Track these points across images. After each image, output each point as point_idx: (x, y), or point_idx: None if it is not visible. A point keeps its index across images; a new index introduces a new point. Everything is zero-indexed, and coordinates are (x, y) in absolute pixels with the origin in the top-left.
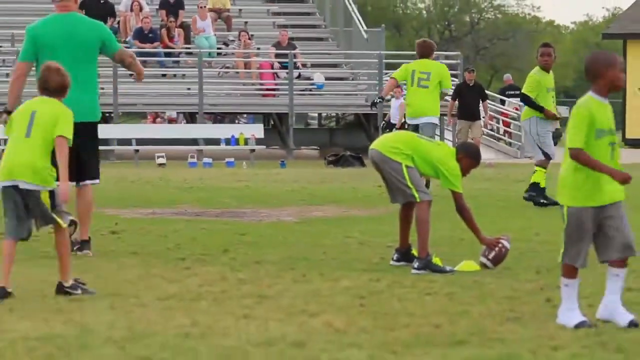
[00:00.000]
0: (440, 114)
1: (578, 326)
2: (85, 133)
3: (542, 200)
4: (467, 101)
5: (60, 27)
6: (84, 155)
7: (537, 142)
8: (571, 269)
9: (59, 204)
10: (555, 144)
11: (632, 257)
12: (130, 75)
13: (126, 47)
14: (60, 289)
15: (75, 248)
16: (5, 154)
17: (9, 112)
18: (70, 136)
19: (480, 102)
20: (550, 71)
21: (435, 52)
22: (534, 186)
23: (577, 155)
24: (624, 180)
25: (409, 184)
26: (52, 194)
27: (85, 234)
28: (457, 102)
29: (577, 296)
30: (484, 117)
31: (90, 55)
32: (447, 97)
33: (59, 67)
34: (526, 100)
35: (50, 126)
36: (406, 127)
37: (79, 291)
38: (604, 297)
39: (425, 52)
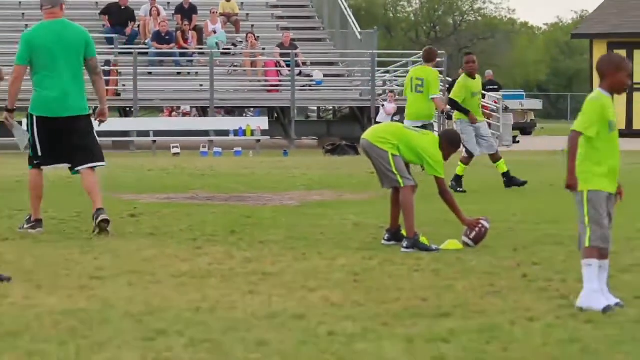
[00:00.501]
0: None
1: (605, 310)
2: (85, 125)
3: (459, 189)
4: None
5: (52, 32)
6: (87, 142)
7: (463, 141)
8: (593, 250)
9: None
10: (530, 133)
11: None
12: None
13: (145, 48)
14: None
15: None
16: None
17: (10, 110)
18: None
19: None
20: (477, 76)
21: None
22: (457, 177)
23: (573, 139)
24: (570, 186)
25: (394, 170)
26: None
27: (99, 203)
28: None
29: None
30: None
31: (79, 56)
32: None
33: None
34: (453, 104)
35: None
36: None
37: None
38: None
39: (427, 58)
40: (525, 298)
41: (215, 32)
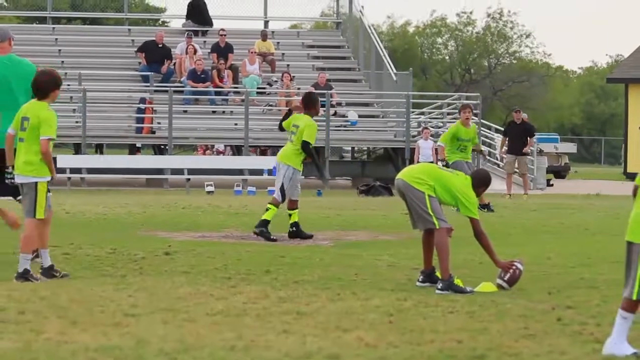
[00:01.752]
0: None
1: (636, 355)
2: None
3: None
4: (514, 138)
5: (6, 65)
6: None
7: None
8: (634, 304)
9: None
10: (563, 177)
11: None
12: None
13: (181, 86)
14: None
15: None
16: None
17: None
18: None
19: (528, 138)
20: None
21: (458, 94)
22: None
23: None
24: None
25: (430, 211)
26: None
27: None
28: (507, 138)
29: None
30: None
31: (29, 87)
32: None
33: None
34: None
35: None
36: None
37: None
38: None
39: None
40: (559, 342)
41: (253, 72)
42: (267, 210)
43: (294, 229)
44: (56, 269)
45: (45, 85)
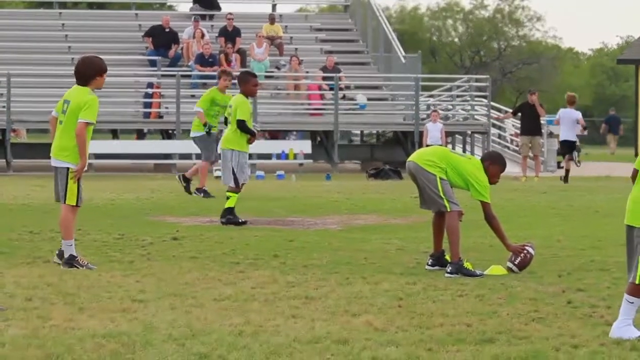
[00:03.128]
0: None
1: None
2: None
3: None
4: (528, 119)
5: None
6: None
7: None
8: (639, 288)
9: None
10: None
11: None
12: None
13: (188, 71)
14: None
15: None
16: None
17: None
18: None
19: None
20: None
21: (468, 76)
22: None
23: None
24: None
25: (441, 194)
26: None
27: None
28: (519, 118)
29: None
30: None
31: None
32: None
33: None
34: None
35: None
36: None
37: None
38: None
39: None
40: (570, 324)
41: (261, 57)
42: (227, 199)
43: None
44: (78, 261)
45: (85, 71)
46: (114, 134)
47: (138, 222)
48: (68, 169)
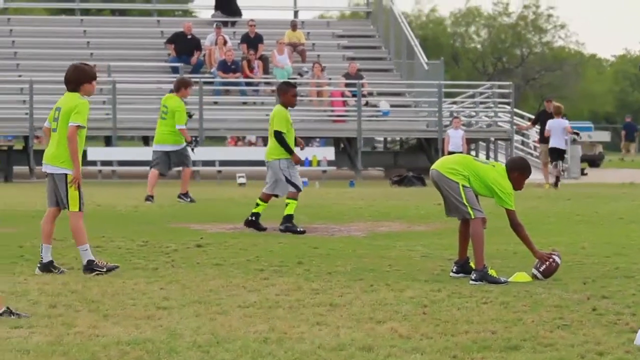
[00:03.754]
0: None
1: None
2: None
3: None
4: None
5: None
6: None
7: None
8: None
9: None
10: (598, 165)
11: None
12: None
13: (211, 78)
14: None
15: None
16: None
17: None
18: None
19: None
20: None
21: (490, 83)
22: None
23: None
24: None
25: (465, 202)
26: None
27: None
28: (538, 126)
29: None
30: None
31: None
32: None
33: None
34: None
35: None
36: None
37: (12, 317)
38: None
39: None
40: (595, 332)
41: (282, 65)
42: (286, 205)
43: (254, 218)
44: (55, 265)
45: (74, 78)
46: (145, 141)
47: (162, 229)
48: (66, 175)
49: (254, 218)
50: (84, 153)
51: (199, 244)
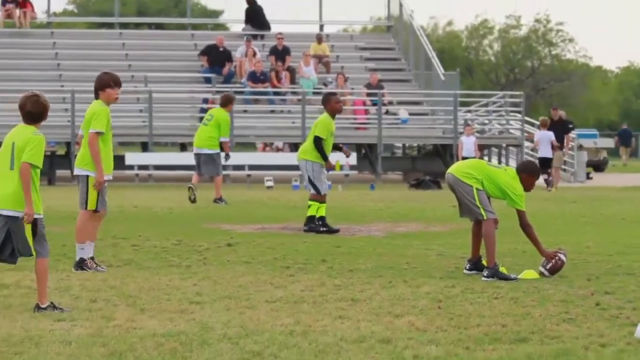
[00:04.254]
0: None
1: None
2: None
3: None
4: (553, 133)
5: None
6: None
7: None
8: None
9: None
10: (602, 170)
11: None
12: None
13: (241, 87)
14: (37, 308)
15: None
16: None
17: None
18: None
19: (564, 134)
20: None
21: (503, 93)
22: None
23: None
24: None
25: (478, 204)
26: (35, 222)
27: None
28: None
29: None
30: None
31: None
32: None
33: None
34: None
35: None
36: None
37: (56, 311)
38: None
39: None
40: (598, 325)
41: (308, 76)
42: (309, 207)
43: (319, 222)
44: (96, 262)
45: (95, 86)
46: (182, 147)
47: (195, 229)
48: (87, 176)
49: (320, 222)
50: (122, 158)
51: (230, 243)
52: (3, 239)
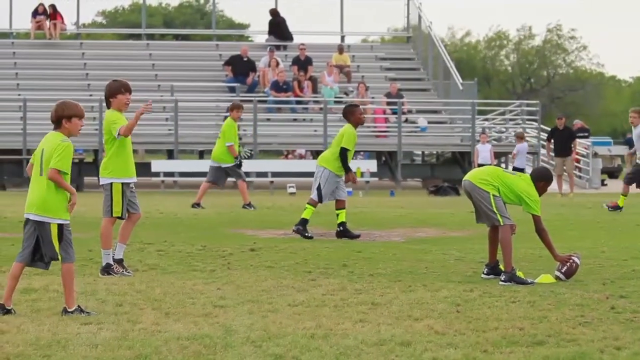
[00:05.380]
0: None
1: None
2: None
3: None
4: (559, 141)
5: None
6: None
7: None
8: None
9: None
10: (616, 177)
11: None
12: None
13: (264, 96)
14: (65, 312)
15: None
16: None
17: None
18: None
19: (571, 141)
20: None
21: (519, 102)
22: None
23: None
24: None
25: (495, 210)
26: (61, 228)
27: None
28: (552, 141)
29: None
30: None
31: None
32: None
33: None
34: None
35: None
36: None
37: (82, 314)
38: None
39: None
40: (613, 328)
41: (331, 84)
42: (305, 209)
43: (341, 228)
44: (123, 265)
45: (107, 94)
46: (201, 155)
47: (219, 235)
48: (111, 183)
49: (341, 228)
50: (148, 165)
51: (253, 248)
52: (34, 245)
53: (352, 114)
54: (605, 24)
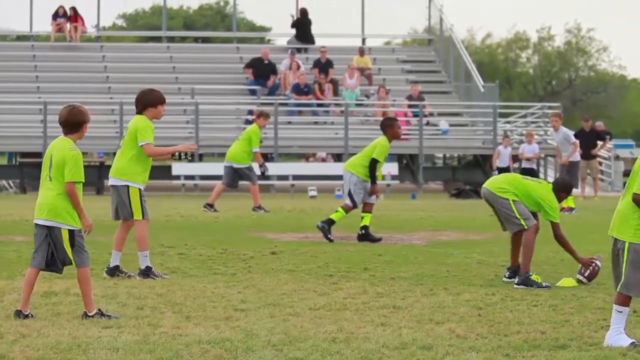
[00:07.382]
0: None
1: (634, 344)
2: None
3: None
4: (585, 143)
5: None
6: None
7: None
8: (627, 298)
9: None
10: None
11: None
12: None
13: (285, 99)
14: (85, 316)
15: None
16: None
17: None
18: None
19: (598, 142)
20: None
21: (541, 104)
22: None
23: (637, 200)
24: None
25: (517, 215)
26: (72, 233)
27: None
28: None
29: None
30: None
31: None
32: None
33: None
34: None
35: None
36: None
37: (103, 318)
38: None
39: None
40: (635, 332)
41: (352, 87)
42: (336, 211)
43: (363, 231)
44: (122, 270)
45: (140, 101)
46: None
47: (240, 238)
48: (128, 187)
49: (364, 231)
50: (169, 168)
51: (274, 252)
52: (47, 249)
53: (390, 127)
54: (626, 25)
